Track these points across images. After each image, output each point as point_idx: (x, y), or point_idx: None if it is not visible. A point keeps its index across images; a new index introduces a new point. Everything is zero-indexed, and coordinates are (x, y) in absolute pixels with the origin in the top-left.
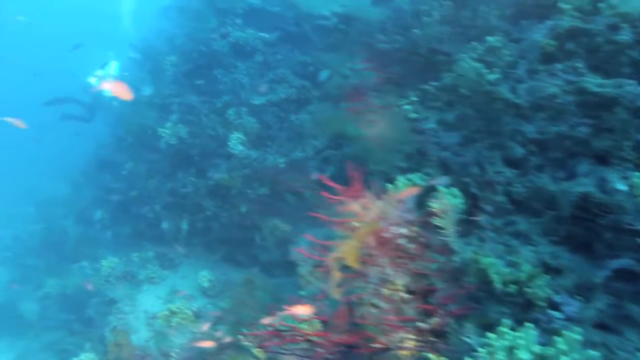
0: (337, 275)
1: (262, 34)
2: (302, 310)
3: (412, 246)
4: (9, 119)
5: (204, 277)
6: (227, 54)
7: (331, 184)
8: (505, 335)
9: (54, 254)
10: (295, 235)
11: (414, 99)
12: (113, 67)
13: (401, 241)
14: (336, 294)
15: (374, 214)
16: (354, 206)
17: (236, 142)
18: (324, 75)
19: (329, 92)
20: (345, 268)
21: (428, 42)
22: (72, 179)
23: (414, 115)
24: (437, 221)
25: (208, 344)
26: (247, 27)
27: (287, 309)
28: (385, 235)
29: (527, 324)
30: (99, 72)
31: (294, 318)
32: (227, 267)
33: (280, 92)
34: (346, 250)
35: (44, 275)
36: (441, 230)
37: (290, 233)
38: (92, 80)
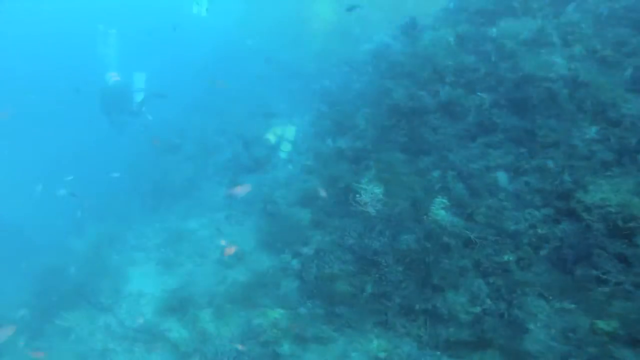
0: None
1: (478, 94)
2: None
3: None
4: None
5: (380, 346)
6: (435, 112)
7: None
8: None
9: None
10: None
11: None
12: (290, 131)
13: None
14: None
15: None
16: None
17: (438, 207)
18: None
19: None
20: None
21: None
22: None
23: None
24: None
25: None
26: (458, 86)
27: None
28: None
29: None
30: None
31: None
32: (404, 339)
33: (497, 158)
34: None
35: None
36: None
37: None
38: (270, 137)
